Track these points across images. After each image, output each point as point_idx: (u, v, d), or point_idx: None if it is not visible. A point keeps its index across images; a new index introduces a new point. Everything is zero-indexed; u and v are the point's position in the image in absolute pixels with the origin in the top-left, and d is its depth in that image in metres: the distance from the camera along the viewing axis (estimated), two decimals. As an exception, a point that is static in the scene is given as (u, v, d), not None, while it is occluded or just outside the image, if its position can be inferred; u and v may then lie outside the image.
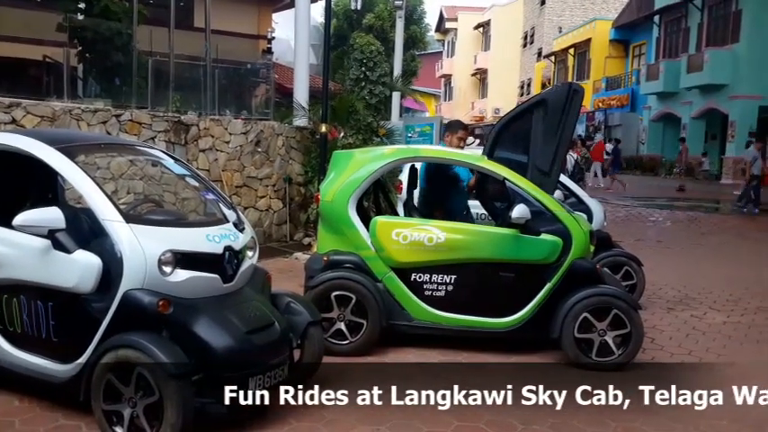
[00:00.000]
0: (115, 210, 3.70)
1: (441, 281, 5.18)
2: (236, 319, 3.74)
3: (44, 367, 3.80)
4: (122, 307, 3.56)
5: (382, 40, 15.89)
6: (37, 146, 3.98)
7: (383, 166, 5.49)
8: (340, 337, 5.12)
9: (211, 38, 12.58)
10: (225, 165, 9.54)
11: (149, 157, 4.95)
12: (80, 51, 11.83)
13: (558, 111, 5.23)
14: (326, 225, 5.50)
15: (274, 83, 13.74)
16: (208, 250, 3.83)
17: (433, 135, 10.22)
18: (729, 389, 3.64)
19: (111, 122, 8.37)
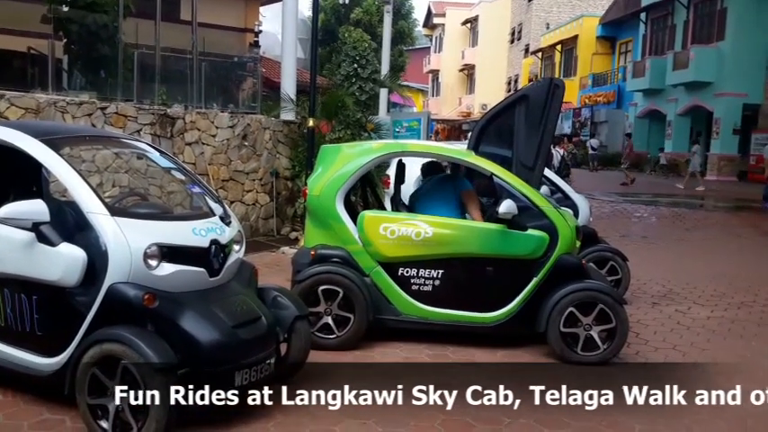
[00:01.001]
0: (100, 203, 3.68)
1: (428, 275, 5.19)
2: (223, 313, 3.73)
3: (28, 361, 3.77)
4: (107, 300, 3.54)
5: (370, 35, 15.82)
6: (21, 138, 3.95)
7: (371, 161, 5.49)
8: (327, 332, 5.12)
9: (198, 31, 12.48)
10: (211, 158, 9.49)
11: (135, 150, 4.91)
12: (65, 43, 11.69)
13: (540, 106, 5.27)
14: (314, 219, 5.49)
15: (261, 76, 13.67)
16: (194, 244, 3.81)
17: (421, 130, 10.24)
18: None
19: (96, 115, 8.30)
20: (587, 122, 34.07)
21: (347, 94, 10.29)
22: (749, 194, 18.55)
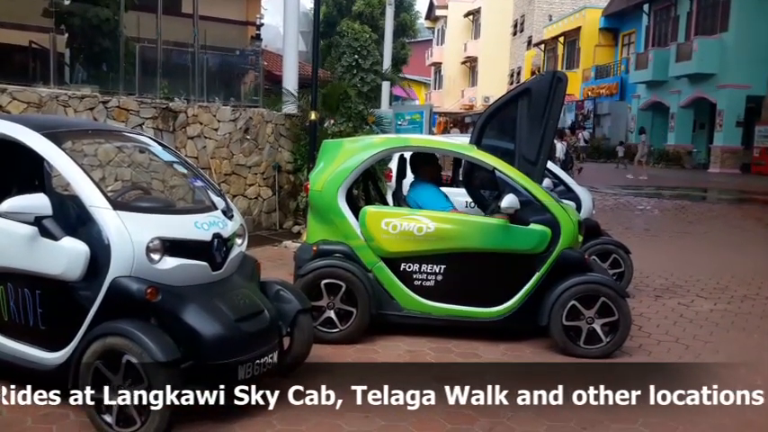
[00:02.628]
0: (102, 196, 3.67)
1: (430, 270, 5.19)
2: (225, 306, 3.73)
3: (32, 355, 3.77)
4: (110, 294, 3.54)
5: (372, 28, 15.78)
6: (23, 132, 3.94)
7: (373, 156, 5.48)
8: (330, 326, 5.12)
9: (199, 24, 12.44)
10: (213, 152, 9.48)
11: (137, 144, 4.91)
12: (67, 37, 11.68)
13: (543, 99, 5.25)
14: (316, 214, 5.49)
15: (263, 70, 13.63)
16: (196, 237, 3.81)
17: (423, 123, 10.21)
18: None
19: (98, 109, 8.29)
20: (590, 115, 34.00)
21: (349, 85, 10.27)
22: (753, 187, 18.52)
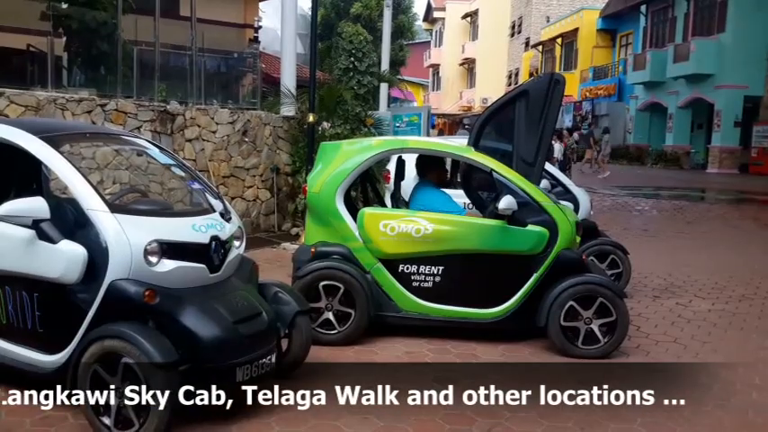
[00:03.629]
0: (100, 200, 3.68)
1: (428, 272, 5.19)
2: (223, 308, 3.73)
3: (30, 358, 3.78)
4: (108, 297, 3.54)
5: (370, 30, 15.83)
6: (20, 135, 3.95)
7: (370, 158, 5.49)
8: (328, 327, 5.13)
9: (197, 27, 12.45)
10: (212, 155, 9.49)
11: (135, 147, 4.91)
12: (65, 40, 11.67)
13: (540, 101, 5.27)
14: (314, 216, 5.50)
15: (261, 72, 13.65)
16: (194, 240, 3.82)
17: (421, 125, 10.22)
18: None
19: (96, 112, 8.30)
20: (588, 116, 34.01)
21: (345, 88, 10.28)
22: (751, 187, 18.55)
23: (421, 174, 5.91)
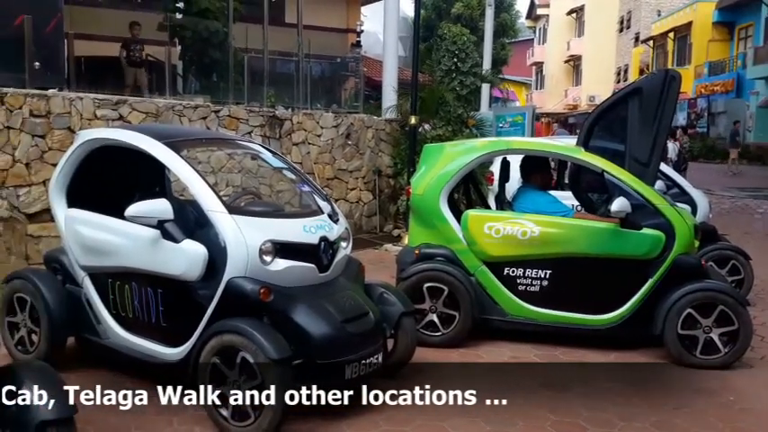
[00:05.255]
0: (219, 201, 3.86)
1: (535, 276, 5.09)
2: (332, 307, 3.82)
3: (154, 350, 4.01)
4: (226, 294, 3.71)
5: (471, 29, 15.66)
6: (146, 141, 4.20)
7: (474, 160, 5.45)
8: (432, 329, 5.13)
9: (303, 33, 12.82)
10: (317, 158, 9.75)
11: (248, 151, 5.12)
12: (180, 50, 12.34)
13: (655, 99, 5.05)
14: (418, 218, 5.52)
15: (363, 76, 13.85)
16: (305, 240, 3.94)
17: (525, 125, 10.03)
18: None
19: (210, 118, 8.72)
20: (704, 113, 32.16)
21: (447, 89, 10.27)
22: None
23: (525, 176, 5.78)
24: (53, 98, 7.25)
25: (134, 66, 10.81)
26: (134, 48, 10.84)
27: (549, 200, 5.49)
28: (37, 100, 7.10)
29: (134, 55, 10.79)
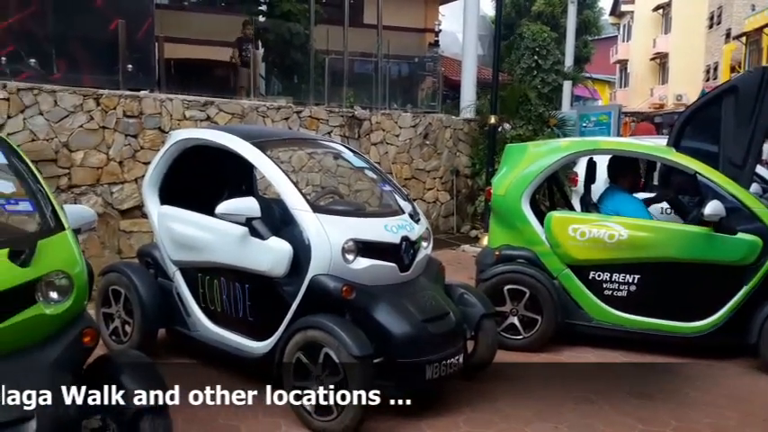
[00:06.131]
0: (304, 200, 3.93)
1: (622, 280, 4.93)
2: (413, 307, 3.83)
3: (240, 344, 4.13)
4: (310, 291, 3.78)
5: (552, 27, 15.38)
6: (235, 141, 4.32)
7: (559, 160, 5.34)
8: (513, 332, 5.06)
9: (381, 33, 12.90)
10: (395, 157, 9.79)
11: (331, 151, 5.19)
12: (263, 52, 12.67)
13: (751, 98, 4.82)
14: (498, 219, 5.45)
15: (441, 75, 13.81)
16: (386, 240, 3.96)
17: (611, 124, 9.73)
18: None
19: (292, 119, 8.91)
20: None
21: (529, 87, 10.11)
22: None
23: (612, 177, 5.60)
24: (145, 99, 7.59)
25: (245, 65, 10.89)
26: (245, 47, 10.91)
27: (636, 207, 5.29)
28: (130, 101, 7.44)
29: (245, 55, 10.87)
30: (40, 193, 2.89)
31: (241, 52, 10.85)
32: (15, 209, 2.91)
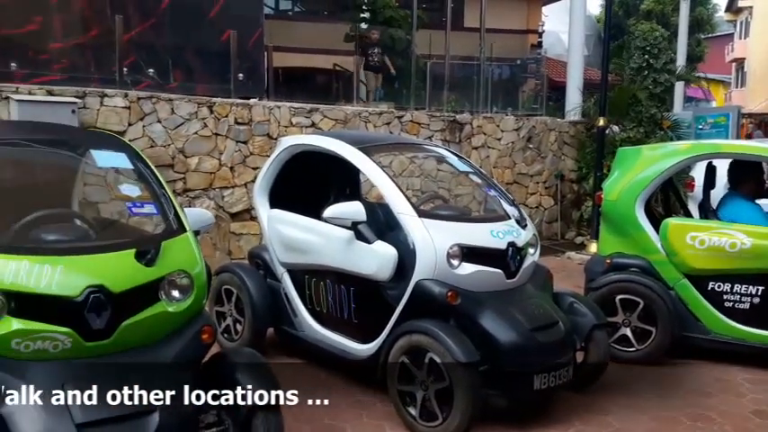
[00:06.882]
0: (409, 205, 3.94)
1: (745, 291, 4.62)
2: (520, 315, 3.74)
3: (345, 345, 4.19)
4: (414, 295, 3.77)
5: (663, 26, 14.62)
6: (342, 146, 4.40)
7: (677, 164, 5.06)
8: (625, 344, 4.84)
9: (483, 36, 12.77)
10: (496, 161, 9.65)
11: (435, 155, 5.17)
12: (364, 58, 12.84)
13: None
14: (610, 226, 5.24)
15: (546, 77, 13.49)
16: (492, 245, 3.89)
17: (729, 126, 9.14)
18: None
19: (393, 123, 8.97)
20: None
21: (639, 88, 9.68)
22: None
23: (733, 183, 5.24)
24: (254, 107, 7.87)
25: (372, 70, 11.03)
26: (372, 52, 11.04)
27: (757, 215, 4.92)
28: (241, 108, 7.75)
29: (372, 59, 11.02)
30: (163, 197, 3.05)
31: (367, 57, 10.92)
32: (141, 211, 3.09)
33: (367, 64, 10.85)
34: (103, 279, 2.56)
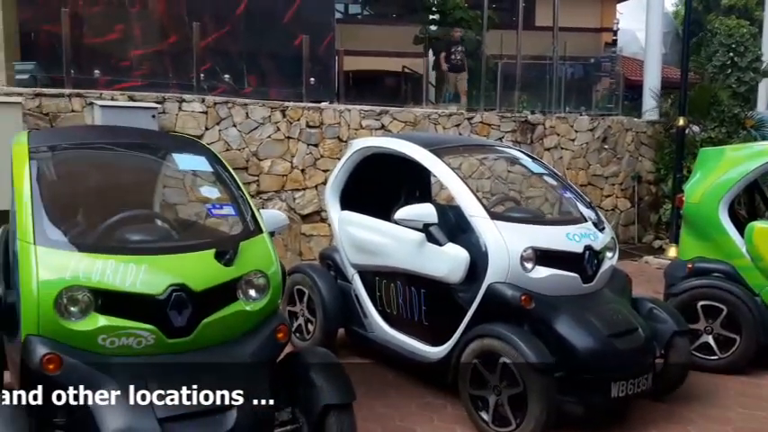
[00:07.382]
0: (481, 207, 3.89)
1: None
2: (597, 320, 3.63)
3: (416, 347, 4.17)
4: (486, 298, 3.72)
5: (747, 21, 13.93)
6: (414, 148, 4.40)
7: (761, 166, 4.82)
8: (707, 352, 4.64)
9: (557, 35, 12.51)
10: (570, 163, 9.43)
11: (508, 157, 5.10)
12: (433, 60, 12.81)
13: None
14: (691, 229, 5.04)
15: (622, 76, 13.10)
16: (568, 249, 3.80)
17: (821, 127, 8.64)
18: None
19: (463, 125, 8.90)
20: None
21: (722, 86, 9.26)
22: None
23: None
24: (325, 110, 7.98)
25: (454, 71, 11.00)
26: (454, 51, 11.01)
27: None
28: (312, 112, 7.87)
29: (455, 58, 10.98)
30: (241, 199, 3.12)
31: (449, 57, 10.87)
32: (220, 213, 3.18)
33: (450, 64, 10.72)
34: (185, 278, 2.64)
